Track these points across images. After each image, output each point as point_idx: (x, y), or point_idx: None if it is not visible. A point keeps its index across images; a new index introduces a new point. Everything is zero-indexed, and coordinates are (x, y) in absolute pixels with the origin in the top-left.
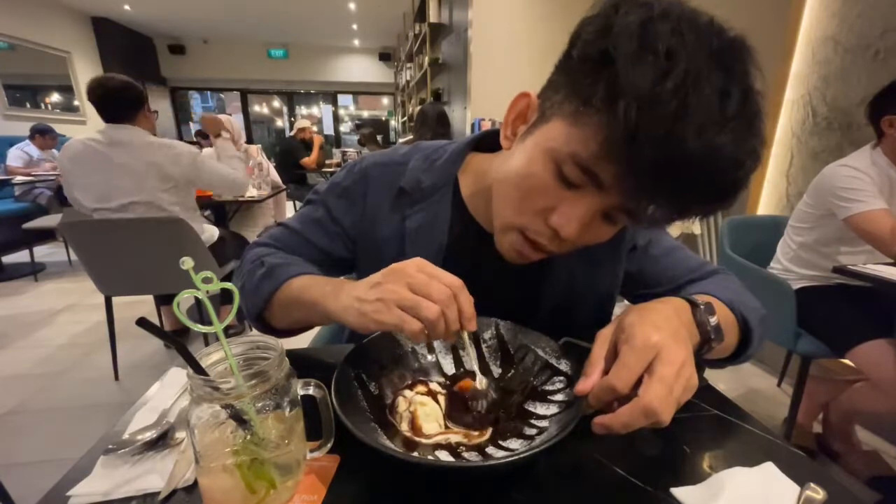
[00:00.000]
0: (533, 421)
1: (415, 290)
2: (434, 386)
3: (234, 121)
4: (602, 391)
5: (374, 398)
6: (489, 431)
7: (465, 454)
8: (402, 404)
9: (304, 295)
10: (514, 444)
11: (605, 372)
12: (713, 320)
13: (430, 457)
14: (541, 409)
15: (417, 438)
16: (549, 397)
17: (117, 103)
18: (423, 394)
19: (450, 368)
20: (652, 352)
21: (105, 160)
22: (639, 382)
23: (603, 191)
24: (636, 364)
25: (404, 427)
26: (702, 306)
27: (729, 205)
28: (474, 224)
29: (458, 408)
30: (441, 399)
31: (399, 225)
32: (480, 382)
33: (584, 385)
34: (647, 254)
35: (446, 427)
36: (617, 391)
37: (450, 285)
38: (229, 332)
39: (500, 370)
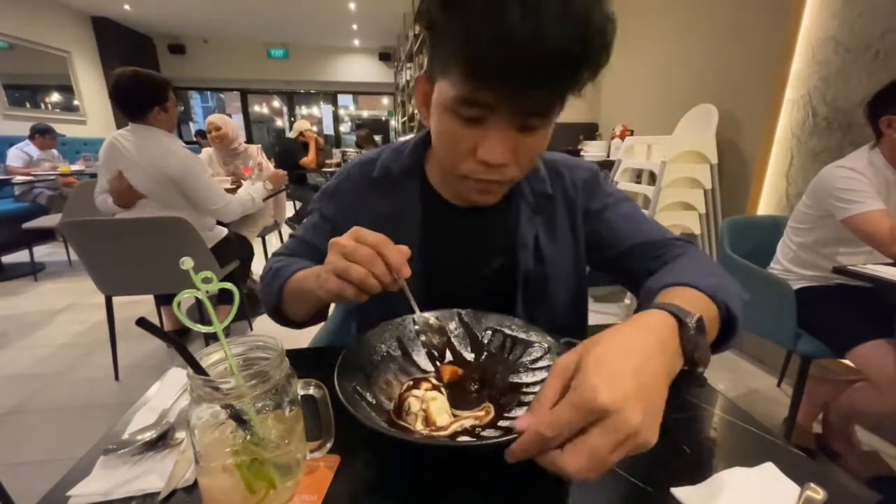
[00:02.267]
0: (525, 389)
1: (347, 257)
2: (434, 380)
3: (232, 120)
4: (529, 441)
5: (373, 406)
6: (492, 408)
7: (485, 433)
8: (415, 404)
9: (301, 286)
10: (521, 412)
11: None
12: (702, 342)
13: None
14: (527, 377)
15: (436, 433)
16: (530, 366)
17: (127, 102)
18: (430, 389)
19: (427, 364)
20: (593, 416)
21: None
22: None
23: (497, 111)
24: (572, 424)
25: (419, 426)
26: (689, 323)
27: (593, 75)
28: (444, 203)
29: (455, 390)
30: (444, 391)
31: (376, 213)
32: (420, 317)
33: (521, 423)
34: (601, 218)
35: (454, 416)
36: (545, 445)
37: (373, 245)
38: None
39: (472, 355)
